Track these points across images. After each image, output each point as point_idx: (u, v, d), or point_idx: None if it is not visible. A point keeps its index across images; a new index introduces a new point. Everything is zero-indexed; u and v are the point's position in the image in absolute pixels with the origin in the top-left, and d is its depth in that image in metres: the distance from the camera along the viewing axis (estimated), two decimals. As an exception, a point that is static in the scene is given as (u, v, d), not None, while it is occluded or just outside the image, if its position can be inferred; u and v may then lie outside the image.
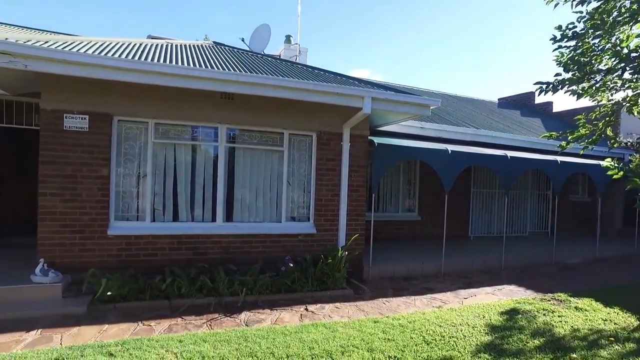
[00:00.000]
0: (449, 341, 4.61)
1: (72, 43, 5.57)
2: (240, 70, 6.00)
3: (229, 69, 5.94)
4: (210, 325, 4.84)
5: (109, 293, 5.20)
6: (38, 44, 4.82)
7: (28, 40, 4.87)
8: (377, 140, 7.31)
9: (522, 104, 17.66)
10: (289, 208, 7.04)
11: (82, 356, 3.85)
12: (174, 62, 5.74)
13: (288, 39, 13.71)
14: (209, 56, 7.05)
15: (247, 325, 4.87)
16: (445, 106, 12.22)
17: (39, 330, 4.45)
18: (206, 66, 5.90)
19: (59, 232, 5.63)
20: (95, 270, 5.47)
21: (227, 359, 3.94)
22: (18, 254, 6.67)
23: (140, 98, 5.92)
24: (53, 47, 4.94)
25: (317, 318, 5.24)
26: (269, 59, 8.66)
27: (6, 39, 4.59)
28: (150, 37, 11.51)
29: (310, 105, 6.46)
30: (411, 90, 11.23)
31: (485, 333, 4.92)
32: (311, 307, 5.63)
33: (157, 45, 7.11)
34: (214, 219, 6.54)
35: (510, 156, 8.58)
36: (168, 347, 4.11)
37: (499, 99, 18.51)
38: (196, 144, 6.50)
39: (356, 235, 7.10)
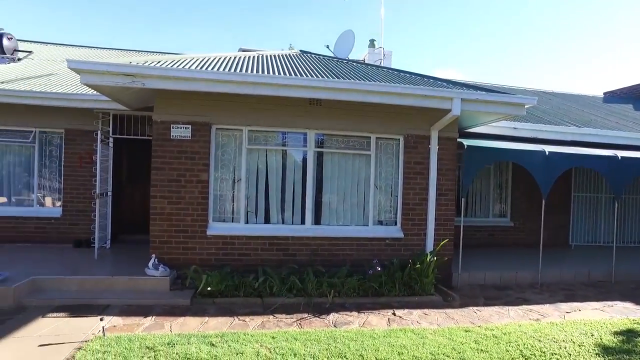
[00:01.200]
0: (550, 358, 4.29)
1: (177, 61, 6.16)
2: (326, 77, 6.17)
3: (316, 76, 6.14)
4: (300, 324, 5.03)
5: (208, 288, 5.65)
6: (152, 65, 5.43)
7: (145, 62, 5.50)
8: (466, 142, 7.04)
9: (636, 96, 15.71)
10: (376, 212, 7.06)
11: (188, 343, 4.24)
12: (266, 72, 6.08)
13: (372, 43, 13.74)
14: (297, 65, 7.34)
15: (335, 327, 4.98)
16: (540, 104, 11.35)
17: (153, 317, 5.00)
18: (295, 74, 6.16)
19: (167, 231, 6.26)
20: (197, 267, 5.99)
21: (318, 357, 4.07)
22: (135, 250, 7.51)
23: (235, 107, 6.36)
24: (164, 66, 5.54)
25: (405, 323, 5.19)
26: (354, 64, 8.77)
27: (129, 62, 5.26)
28: (241, 49, 12.29)
29: (397, 108, 6.44)
30: (502, 89, 10.63)
31: (596, 354, 4.45)
32: (399, 312, 5.59)
33: (248, 57, 7.57)
34: (303, 222, 6.79)
35: (622, 156, 7.71)
36: (262, 342, 4.36)
37: (604, 93, 16.70)
38: (286, 149, 6.81)
39: (445, 240, 6.90)
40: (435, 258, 6.51)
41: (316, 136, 6.80)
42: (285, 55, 8.74)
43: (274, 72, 6.16)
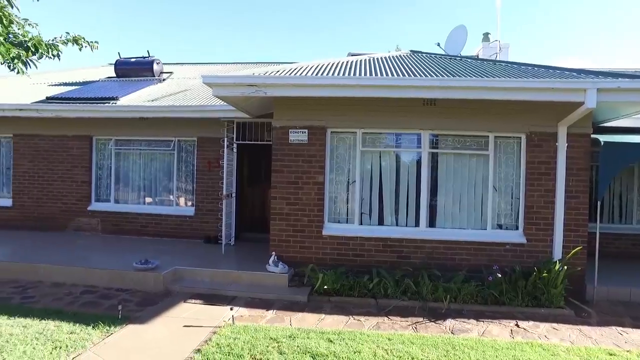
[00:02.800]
0: None
1: (293, 70, 6.51)
2: (440, 75, 6.00)
3: (429, 75, 6.01)
4: (415, 327, 4.96)
5: (324, 287, 5.87)
6: (272, 74, 5.86)
7: (265, 72, 5.96)
8: (603, 138, 6.25)
9: None
10: (494, 215, 6.65)
11: (308, 338, 4.46)
12: (377, 74, 6.13)
13: (486, 36, 12.93)
14: (408, 65, 7.25)
15: (452, 333, 4.81)
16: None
17: (274, 311, 5.36)
18: (407, 75, 6.10)
19: (285, 230, 6.66)
20: (314, 266, 6.26)
21: (437, 363, 3.99)
22: (255, 247, 8.13)
23: (349, 111, 6.53)
24: (282, 74, 5.94)
25: (530, 337, 4.80)
26: (468, 60, 8.37)
27: (252, 74, 5.76)
28: (350, 54, 12.53)
29: (518, 104, 5.99)
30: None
31: None
32: (523, 324, 5.18)
33: (359, 60, 7.68)
34: (417, 224, 6.69)
35: None
36: (378, 343, 4.40)
37: None
38: (399, 150, 6.80)
39: (578, 248, 6.20)
40: (564, 267, 5.89)
41: (430, 137, 6.65)
42: (396, 56, 8.69)
43: (385, 74, 6.18)
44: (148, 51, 12.24)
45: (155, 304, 5.40)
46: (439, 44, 11.96)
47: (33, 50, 2.76)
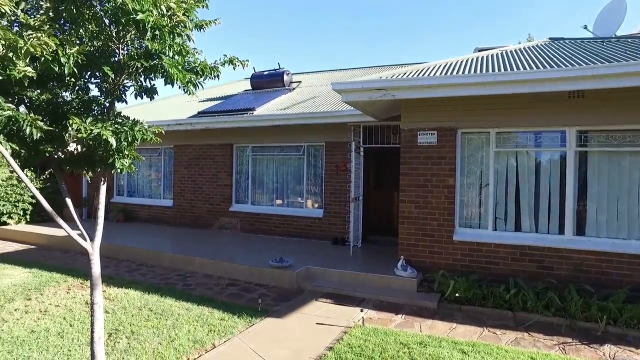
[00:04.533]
0: None
1: (420, 70, 6.35)
2: (589, 63, 5.27)
3: (575, 64, 5.33)
4: (563, 349, 4.43)
5: (456, 295, 5.60)
6: (399, 77, 5.82)
7: (392, 75, 5.95)
8: None
9: None
10: (666, 224, 5.60)
11: (440, 347, 4.30)
12: (509, 69, 5.64)
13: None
14: (548, 54, 6.53)
15: (613, 361, 4.18)
16: None
17: (403, 315, 5.30)
18: (548, 66, 5.49)
19: (414, 234, 6.54)
20: (444, 272, 6.02)
21: (594, 391, 3.50)
22: (381, 250, 8.16)
23: (481, 109, 6.15)
24: (409, 76, 5.85)
25: None
26: (628, 40, 7.20)
27: (379, 77, 5.80)
28: (477, 49, 11.76)
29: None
30: None
31: None
32: None
33: (489, 56, 7.16)
34: (561, 231, 5.97)
35: None
36: (520, 360, 4.03)
37: None
38: (539, 150, 6.16)
39: None
40: None
41: (577, 133, 5.88)
42: (531, 47, 7.90)
43: (521, 67, 5.66)
44: (279, 63, 13.19)
45: (289, 300, 5.77)
46: (585, 27, 10.53)
47: (200, 73, 3.19)
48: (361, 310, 5.24)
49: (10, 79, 2.35)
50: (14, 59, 2.28)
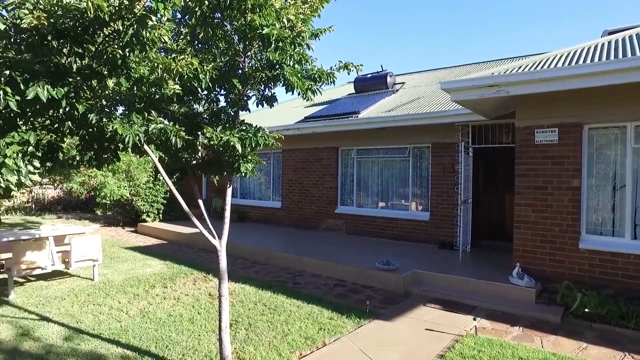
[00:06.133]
0: None
1: (539, 62, 5.83)
2: None
3: None
4: None
5: (585, 310, 5.02)
6: (514, 71, 5.41)
7: (506, 70, 5.56)
8: None
9: None
10: None
11: (568, 367, 3.90)
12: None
13: None
14: None
15: None
16: None
17: (520, 328, 4.90)
18: None
19: (531, 240, 6.02)
20: (570, 284, 5.44)
21: None
22: (493, 256, 7.67)
23: (613, 101, 5.44)
24: (527, 70, 5.40)
25: None
26: None
27: (492, 73, 5.46)
28: (607, 32, 10.40)
29: None
30: None
31: None
32: None
33: (621, 39, 6.27)
34: None
35: None
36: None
37: None
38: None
39: None
40: None
41: None
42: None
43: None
44: (381, 65, 13.15)
45: (397, 304, 5.71)
46: None
47: (318, 80, 3.36)
48: (474, 319, 4.97)
49: (163, 96, 2.74)
50: (167, 79, 2.66)
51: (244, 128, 3.28)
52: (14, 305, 5.53)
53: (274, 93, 3.55)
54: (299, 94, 3.24)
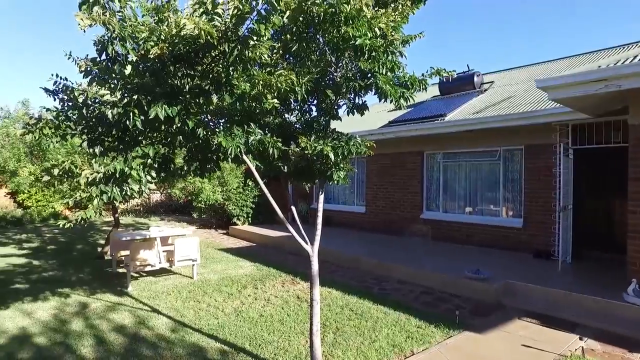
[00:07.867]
0: None
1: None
2: None
3: None
4: None
5: None
6: (627, 63, 4.88)
7: (616, 62, 5.04)
8: None
9: None
10: None
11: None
12: None
13: None
14: None
15: None
16: None
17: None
18: None
19: (648, 252, 5.38)
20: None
21: None
22: (599, 268, 6.98)
23: None
24: (641, 62, 4.85)
25: None
26: None
27: (598, 67, 4.99)
28: None
29: None
30: None
31: None
32: None
33: None
34: None
35: None
36: None
37: None
38: None
39: None
40: None
41: None
42: None
43: None
44: (468, 65, 12.59)
45: (488, 316, 5.44)
46: None
47: (410, 87, 3.38)
48: (580, 339, 4.55)
49: (263, 110, 2.96)
50: (266, 93, 2.86)
51: (336, 137, 3.38)
52: (132, 297, 6.26)
53: (365, 101, 3.62)
54: (391, 102, 3.27)
